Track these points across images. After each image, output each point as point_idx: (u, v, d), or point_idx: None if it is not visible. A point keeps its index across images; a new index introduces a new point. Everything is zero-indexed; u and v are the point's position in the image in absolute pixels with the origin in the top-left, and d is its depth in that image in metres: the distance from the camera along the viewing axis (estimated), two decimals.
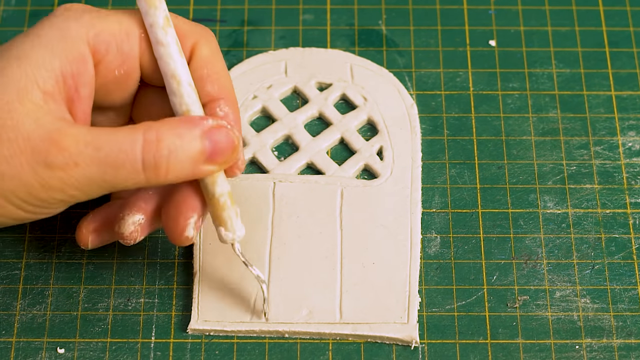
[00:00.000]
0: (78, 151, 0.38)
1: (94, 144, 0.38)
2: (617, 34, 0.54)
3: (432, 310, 0.46)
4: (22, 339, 0.45)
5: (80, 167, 0.38)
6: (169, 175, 0.39)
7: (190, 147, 0.39)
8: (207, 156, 0.40)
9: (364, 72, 0.52)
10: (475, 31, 0.54)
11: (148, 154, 0.39)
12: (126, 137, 0.39)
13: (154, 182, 0.39)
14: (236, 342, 0.45)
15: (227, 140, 0.40)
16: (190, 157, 0.40)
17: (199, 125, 0.40)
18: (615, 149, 0.50)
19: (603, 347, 0.45)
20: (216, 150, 0.40)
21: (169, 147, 0.39)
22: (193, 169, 0.40)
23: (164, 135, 0.39)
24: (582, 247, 0.48)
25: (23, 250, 0.47)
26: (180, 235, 0.42)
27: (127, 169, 0.39)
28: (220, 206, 0.42)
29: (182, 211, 0.41)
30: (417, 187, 0.49)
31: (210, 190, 0.41)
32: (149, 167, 0.39)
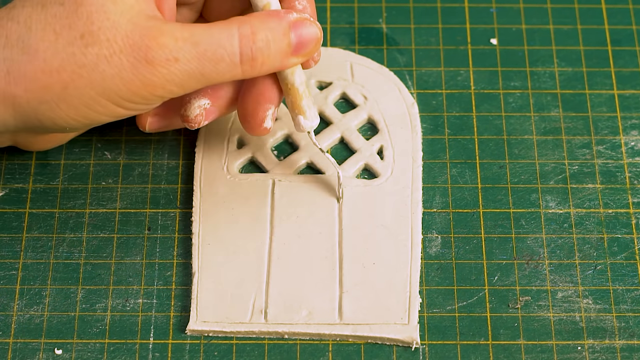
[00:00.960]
0: (177, 47, 0.40)
1: (192, 39, 0.40)
2: (620, 32, 0.54)
3: (433, 310, 0.46)
4: (20, 340, 0.45)
5: (181, 62, 0.40)
6: (264, 67, 0.42)
7: (280, 40, 0.42)
8: (294, 48, 0.42)
9: (364, 71, 0.52)
10: (476, 29, 0.54)
11: (245, 48, 0.41)
12: (222, 32, 0.41)
13: (249, 74, 0.42)
14: (235, 343, 0.45)
15: (311, 32, 0.43)
16: (281, 49, 0.42)
17: (285, 18, 0.42)
18: (618, 148, 0.50)
19: (605, 348, 0.45)
20: (302, 42, 0.42)
21: (263, 41, 0.41)
22: (282, 61, 0.42)
23: (258, 29, 0.41)
24: (584, 247, 0.48)
25: (20, 250, 0.47)
26: (259, 125, 0.44)
27: (225, 62, 0.41)
28: (300, 95, 0.44)
29: (260, 102, 0.44)
30: (417, 186, 0.49)
31: (290, 80, 0.44)
32: (247, 60, 0.41)
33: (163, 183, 0.49)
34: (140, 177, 0.49)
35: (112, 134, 0.50)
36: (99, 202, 0.48)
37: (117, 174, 0.49)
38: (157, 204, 0.48)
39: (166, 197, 0.49)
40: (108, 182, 0.49)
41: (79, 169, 0.49)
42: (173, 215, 0.48)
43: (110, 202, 0.48)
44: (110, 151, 0.50)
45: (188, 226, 0.48)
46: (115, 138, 0.50)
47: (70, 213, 0.48)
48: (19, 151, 0.49)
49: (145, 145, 0.50)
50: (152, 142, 0.50)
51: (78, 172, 0.49)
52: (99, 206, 0.48)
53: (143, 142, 0.50)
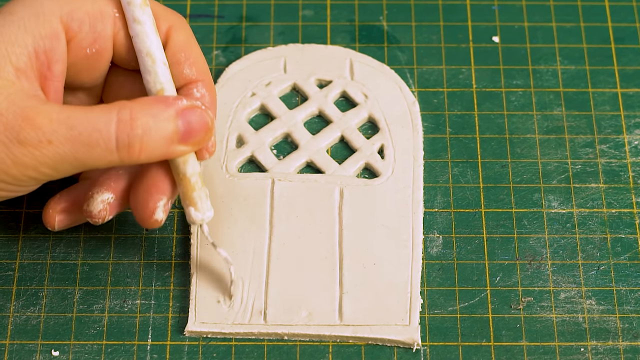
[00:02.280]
0: (51, 129, 0.39)
1: (67, 122, 0.39)
2: (623, 30, 0.54)
3: (434, 311, 0.46)
4: (16, 342, 0.45)
5: (54, 145, 0.39)
6: (142, 155, 0.40)
7: (164, 127, 0.40)
8: (181, 136, 0.41)
9: (365, 69, 0.52)
10: (478, 27, 0.54)
11: (122, 133, 0.39)
12: (100, 116, 0.39)
13: (127, 161, 0.40)
14: (234, 344, 0.45)
15: (200, 120, 0.41)
16: (164, 137, 0.40)
17: (173, 105, 0.40)
18: (621, 147, 0.50)
19: (609, 350, 0.45)
20: (189, 131, 0.41)
21: (142, 127, 0.39)
22: (166, 149, 0.40)
23: (138, 114, 0.39)
24: (588, 247, 0.47)
25: (17, 250, 0.47)
26: (149, 217, 0.42)
27: (100, 147, 0.39)
28: (191, 186, 0.42)
29: (151, 193, 0.42)
30: (418, 186, 0.49)
31: (182, 170, 0.42)
32: (123, 146, 0.39)
33: None
34: None
35: None
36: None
37: None
38: None
39: None
40: None
41: None
42: (171, 215, 0.48)
43: None
44: None
45: (186, 226, 0.48)
46: None
47: None
48: None
49: None
50: None
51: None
52: None
53: None
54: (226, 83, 0.51)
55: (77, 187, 0.45)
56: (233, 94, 0.51)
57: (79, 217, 0.45)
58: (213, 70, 0.52)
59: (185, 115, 0.40)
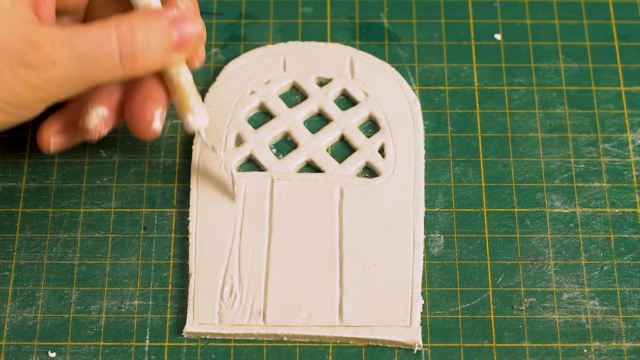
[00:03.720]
0: (55, 50, 0.40)
1: (69, 42, 0.40)
2: (627, 27, 0.54)
3: (436, 312, 0.46)
4: (12, 343, 0.45)
5: (59, 65, 0.40)
6: (145, 67, 0.42)
7: (161, 37, 0.42)
8: (176, 45, 0.43)
9: (365, 67, 0.52)
10: (480, 24, 0.54)
11: (124, 47, 0.41)
12: (100, 33, 0.41)
13: (130, 74, 0.42)
14: (233, 345, 0.45)
15: (192, 28, 0.43)
16: (162, 47, 0.42)
17: (166, 16, 0.42)
18: (625, 146, 0.50)
19: (612, 351, 0.45)
20: (184, 39, 0.43)
21: (142, 39, 0.41)
22: (164, 59, 0.43)
23: (137, 27, 0.41)
24: (591, 247, 0.47)
25: (13, 250, 0.47)
26: (147, 128, 0.44)
27: (104, 63, 0.41)
28: (186, 94, 0.44)
29: (147, 104, 0.44)
30: (420, 185, 0.48)
31: (176, 80, 0.44)
32: (126, 59, 0.41)
33: (159, 182, 0.49)
34: (135, 176, 0.49)
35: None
36: (94, 201, 0.48)
37: (112, 173, 0.49)
38: (153, 204, 0.48)
39: (162, 197, 0.48)
40: (103, 180, 0.49)
41: (73, 167, 0.49)
42: (169, 214, 0.48)
43: (105, 202, 0.48)
44: (105, 149, 0.50)
45: (185, 226, 0.48)
46: (110, 136, 0.50)
47: (64, 212, 0.48)
48: (12, 149, 0.49)
49: (141, 143, 0.50)
50: None
51: (72, 171, 0.49)
52: (93, 205, 0.48)
53: (139, 140, 0.50)
54: (225, 81, 0.51)
55: (68, 107, 0.46)
56: (232, 92, 0.51)
57: (74, 136, 0.46)
58: (212, 69, 0.52)
59: (178, 25, 0.42)
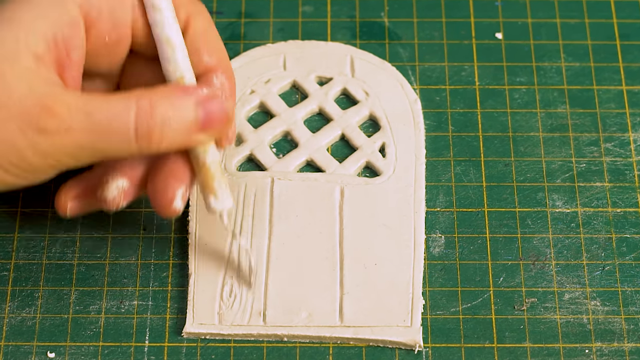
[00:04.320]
0: (70, 117, 0.39)
1: (86, 109, 0.39)
2: (629, 26, 0.54)
3: (437, 312, 0.46)
4: (11, 343, 0.45)
5: (72, 133, 0.39)
6: (162, 144, 0.40)
7: (184, 117, 0.40)
8: (201, 126, 0.41)
9: (366, 66, 0.52)
10: (481, 23, 0.54)
11: (141, 122, 0.39)
12: (119, 104, 0.39)
13: (146, 151, 0.40)
14: (233, 346, 0.45)
15: (220, 110, 0.41)
16: (184, 126, 0.40)
17: (193, 94, 0.40)
18: (627, 145, 0.50)
19: (614, 352, 0.45)
20: (209, 120, 0.41)
21: (162, 116, 0.40)
22: (186, 138, 0.41)
23: (158, 103, 0.40)
24: (592, 247, 0.47)
25: (12, 250, 0.47)
26: (168, 206, 0.42)
27: (119, 136, 0.39)
28: (211, 175, 0.42)
29: (170, 182, 0.42)
30: (420, 185, 0.48)
31: (202, 159, 0.42)
32: (142, 135, 0.39)
33: None
34: None
35: None
36: None
37: None
38: None
39: None
40: None
41: None
42: None
43: None
44: None
45: (184, 226, 0.47)
46: None
47: None
48: None
49: None
50: None
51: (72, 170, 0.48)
52: None
53: None
54: None
55: (90, 173, 0.45)
56: None
57: (91, 203, 0.44)
58: None
59: (205, 105, 0.40)
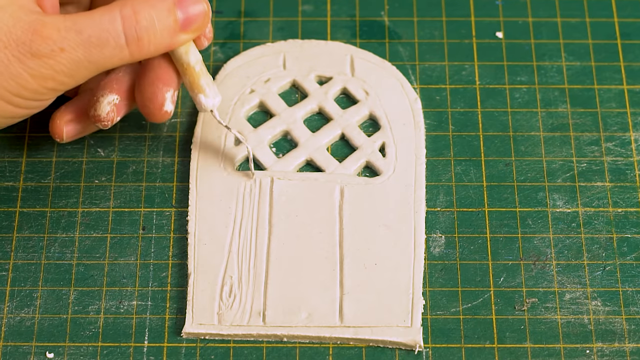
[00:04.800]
0: (61, 37, 0.41)
1: (75, 27, 0.41)
2: (630, 25, 0.54)
3: (437, 313, 0.46)
4: (10, 343, 0.45)
5: (67, 52, 0.41)
6: (151, 47, 0.42)
7: (165, 17, 0.42)
8: (181, 24, 0.43)
9: (366, 65, 0.52)
10: (481, 22, 0.54)
11: (129, 29, 0.42)
12: (104, 16, 0.41)
13: (137, 55, 0.42)
14: (232, 346, 0.45)
15: (198, 7, 0.43)
16: (167, 27, 0.43)
17: None
18: (628, 145, 0.50)
19: (615, 352, 0.45)
20: (189, 18, 0.43)
21: (146, 20, 0.42)
22: (170, 39, 0.43)
23: (140, 8, 0.42)
24: (593, 247, 0.47)
25: (10, 250, 0.47)
26: (159, 109, 0.44)
27: (111, 46, 0.41)
28: (197, 74, 0.44)
29: (158, 86, 0.44)
30: (420, 185, 0.48)
31: (185, 60, 0.44)
32: (132, 40, 0.42)
33: (158, 181, 0.49)
34: (134, 175, 0.49)
35: (105, 130, 0.50)
36: (92, 200, 0.48)
37: (111, 172, 0.49)
38: (151, 203, 0.48)
39: (161, 196, 0.48)
40: (101, 180, 0.49)
41: (71, 166, 0.49)
42: (168, 214, 0.48)
43: (103, 201, 0.48)
44: (103, 148, 0.49)
45: (184, 225, 0.47)
46: (108, 134, 0.50)
47: (62, 212, 0.48)
48: (9, 148, 0.49)
49: (139, 142, 0.50)
50: (146, 139, 0.50)
51: (70, 170, 0.49)
52: (91, 205, 0.48)
53: (137, 139, 0.50)
54: (224, 80, 0.51)
55: (80, 98, 0.46)
56: (231, 91, 0.51)
57: (86, 125, 0.46)
58: (211, 67, 0.52)
59: (182, 5, 0.43)
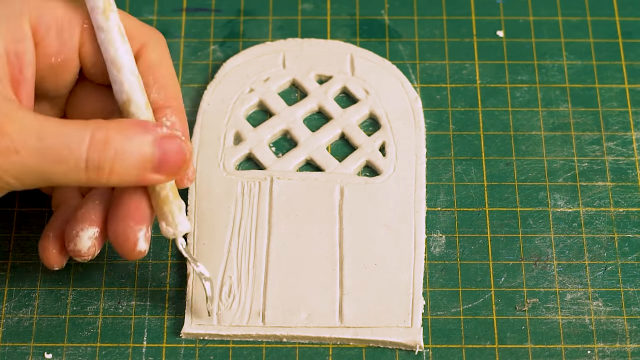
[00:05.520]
0: (21, 138, 0.38)
1: (38, 133, 0.38)
2: (631, 24, 0.54)
3: (437, 313, 0.46)
4: (8, 344, 0.45)
5: (21, 155, 0.38)
6: (112, 179, 0.39)
7: (138, 153, 0.39)
8: (155, 165, 0.39)
9: (366, 64, 0.51)
10: (482, 21, 0.54)
11: (93, 154, 0.38)
12: (74, 132, 0.38)
13: (94, 182, 0.39)
14: (232, 346, 0.45)
15: (178, 151, 0.40)
16: (137, 163, 0.39)
17: (152, 132, 0.39)
18: (629, 144, 0.50)
19: (616, 352, 0.45)
20: (165, 160, 0.39)
21: (116, 149, 0.38)
22: (138, 176, 0.39)
23: (114, 136, 0.38)
24: (594, 247, 0.47)
25: (9, 250, 0.47)
26: (132, 250, 0.41)
27: (69, 165, 0.38)
28: (161, 199, 0.41)
29: (129, 225, 0.41)
30: (421, 184, 0.48)
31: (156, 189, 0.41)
32: (92, 167, 0.38)
33: None
34: None
35: None
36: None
37: None
38: None
39: None
40: None
41: None
42: None
43: None
44: None
45: None
46: None
47: None
48: None
49: None
50: None
51: None
52: None
53: None
54: (223, 79, 0.51)
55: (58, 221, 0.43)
56: (231, 90, 0.50)
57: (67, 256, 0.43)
58: (210, 66, 0.52)
59: (162, 144, 0.39)
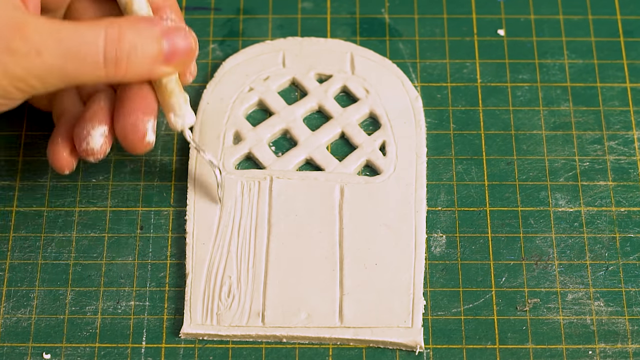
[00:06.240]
0: (41, 40, 0.40)
1: (56, 35, 0.40)
2: (632, 23, 0.54)
3: (438, 313, 0.46)
4: (6, 344, 0.45)
5: (43, 57, 0.40)
6: (128, 72, 0.41)
7: (149, 46, 0.42)
8: (165, 56, 0.42)
9: (366, 63, 0.51)
10: (483, 20, 0.54)
11: (110, 49, 0.41)
12: (89, 31, 0.40)
13: (112, 78, 0.41)
14: (231, 347, 0.45)
15: (185, 42, 0.42)
16: (149, 55, 0.42)
17: (159, 25, 0.42)
18: (631, 143, 0.50)
19: (617, 353, 0.45)
20: (174, 52, 0.42)
21: (129, 43, 0.41)
22: (150, 69, 0.42)
23: (126, 31, 0.41)
24: (596, 247, 0.47)
25: (7, 250, 0.47)
26: (141, 141, 0.43)
27: (88, 62, 0.40)
28: (168, 92, 0.43)
29: (139, 117, 0.43)
30: (421, 184, 0.48)
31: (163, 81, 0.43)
32: (110, 61, 0.41)
33: (156, 180, 0.49)
34: (132, 174, 0.49)
35: None
36: (89, 200, 0.48)
37: (108, 171, 0.49)
38: (149, 202, 0.48)
39: (159, 195, 0.48)
40: (99, 179, 0.49)
41: None
42: (166, 213, 0.48)
43: (100, 200, 0.48)
44: None
45: (182, 225, 0.47)
46: None
47: (59, 211, 0.48)
48: (6, 147, 0.49)
49: None
50: None
51: None
52: (89, 204, 0.48)
53: None
54: (223, 78, 0.51)
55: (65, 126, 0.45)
56: (230, 89, 0.50)
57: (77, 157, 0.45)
58: (210, 65, 0.52)
59: (170, 36, 0.42)
